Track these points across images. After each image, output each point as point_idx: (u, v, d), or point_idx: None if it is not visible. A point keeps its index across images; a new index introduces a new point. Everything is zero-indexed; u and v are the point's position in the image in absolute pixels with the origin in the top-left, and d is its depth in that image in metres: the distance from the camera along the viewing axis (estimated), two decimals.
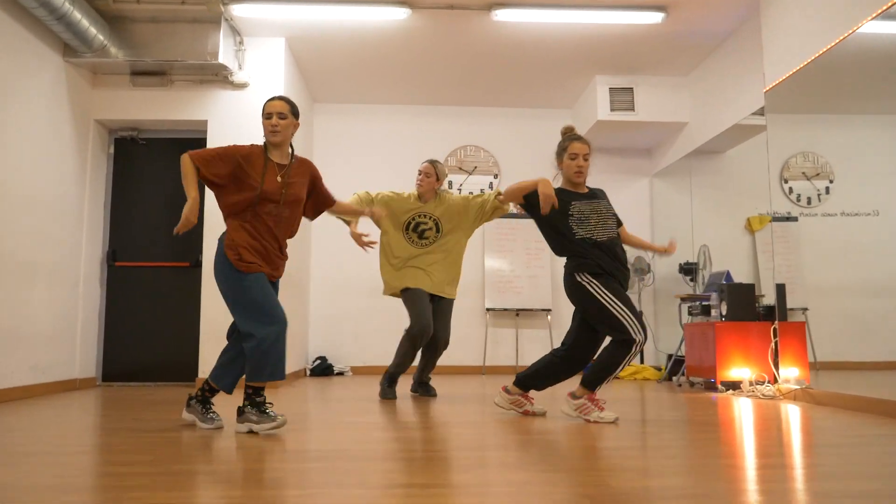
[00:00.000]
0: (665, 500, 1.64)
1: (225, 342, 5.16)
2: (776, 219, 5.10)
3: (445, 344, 4.44)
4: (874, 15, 3.70)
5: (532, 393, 4.63)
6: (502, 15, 5.09)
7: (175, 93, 5.53)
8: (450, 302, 4.44)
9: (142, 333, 5.53)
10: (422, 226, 4.35)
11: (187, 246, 5.61)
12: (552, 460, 2.18)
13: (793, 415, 3.54)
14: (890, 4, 3.58)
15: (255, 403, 2.80)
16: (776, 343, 4.65)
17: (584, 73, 6.41)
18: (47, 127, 4.80)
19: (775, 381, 4.64)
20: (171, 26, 5.19)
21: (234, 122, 5.49)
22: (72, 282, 5.13)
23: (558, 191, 3.33)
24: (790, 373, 4.53)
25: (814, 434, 2.82)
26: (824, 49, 4.15)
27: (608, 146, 7.22)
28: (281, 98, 2.98)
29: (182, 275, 5.59)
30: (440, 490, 1.75)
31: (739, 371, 4.79)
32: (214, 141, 5.46)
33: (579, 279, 3.22)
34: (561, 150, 3.38)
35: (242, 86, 5.55)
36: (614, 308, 3.16)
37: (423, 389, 4.52)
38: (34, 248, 4.60)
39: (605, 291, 3.18)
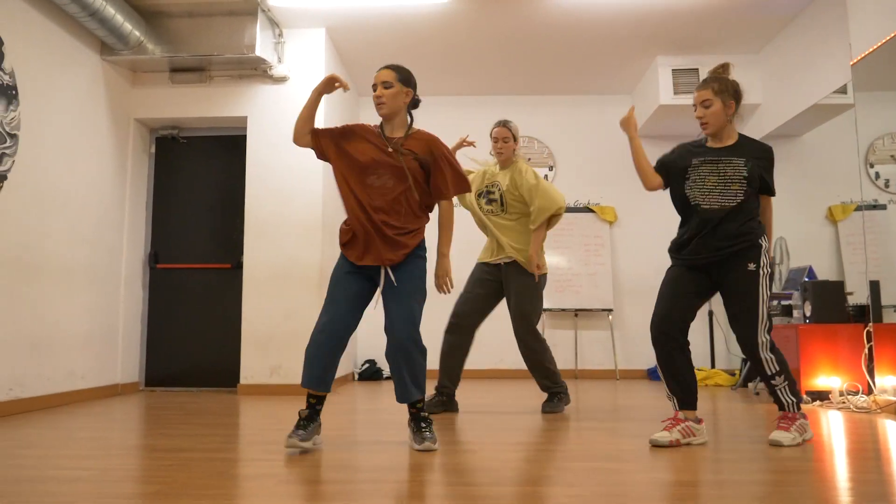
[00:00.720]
0: None
1: (262, 345, 4.99)
2: (862, 207, 4.59)
3: (526, 332, 3.86)
4: None
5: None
6: None
7: (214, 89, 5.36)
8: (523, 274, 3.87)
9: (184, 337, 5.39)
10: (490, 194, 4.01)
11: (229, 247, 5.44)
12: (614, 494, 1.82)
13: (893, 432, 3.06)
14: None
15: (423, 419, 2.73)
16: (870, 348, 4.12)
17: (644, 54, 5.94)
18: (86, 127, 4.68)
19: (870, 391, 4.12)
20: (208, 20, 5.01)
21: (274, 118, 5.28)
22: (113, 284, 5.01)
23: (692, 143, 3.02)
24: (888, 381, 4.00)
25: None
26: None
27: (673, 133, 6.71)
28: (387, 66, 2.76)
29: (224, 277, 5.42)
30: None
31: (828, 380, 4.27)
32: (254, 138, 5.26)
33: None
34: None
35: (283, 79, 5.34)
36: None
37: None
38: (73, 250, 4.48)
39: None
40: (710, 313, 6.34)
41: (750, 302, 2.74)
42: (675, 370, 2.81)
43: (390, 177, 2.67)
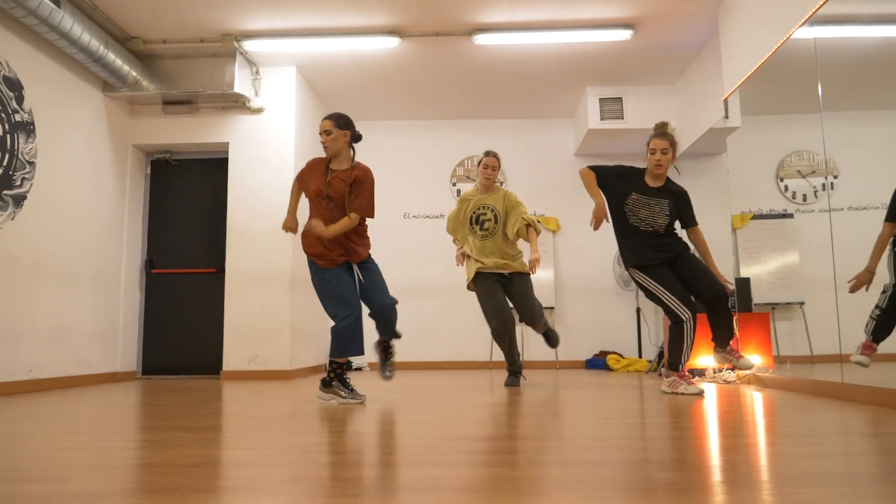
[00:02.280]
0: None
1: (242, 338, 5.86)
2: (771, 216, 5.31)
3: (538, 317, 4.64)
4: (801, 23, 4.06)
5: None
6: (482, 39, 5.61)
7: (201, 119, 6.26)
8: (524, 276, 4.66)
9: (175, 332, 6.27)
10: (482, 217, 4.65)
11: (214, 254, 6.33)
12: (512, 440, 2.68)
13: (748, 397, 3.92)
14: (814, 11, 3.93)
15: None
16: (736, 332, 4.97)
17: (575, 85, 6.84)
18: (91, 153, 5.58)
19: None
20: (194, 61, 5.92)
21: (253, 144, 6.18)
22: (114, 287, 5.90)
23: (636, 172, 4.06)
24: (753, 360, 4.85)
25: (733, 410, 3.23)
26: (767, 56, 4.50)
27: (601, 153, 7.60)
28: (327, 117, 3.58)
29: (209, 280, 6.31)
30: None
31: (704, 360, 5.13)
32: (235, 160, 6.16)
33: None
34: (647, 145, 4.01)
35: (259, 111, 6.24)
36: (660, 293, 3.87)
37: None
38: (81, 257, 5.37)
39: (651, 280, 3.88)
40: (638, 310, 7.21)
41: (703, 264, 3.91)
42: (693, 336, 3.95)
43: (334, 203, 3.56)
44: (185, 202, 6.46)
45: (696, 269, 3.90)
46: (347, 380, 3.62)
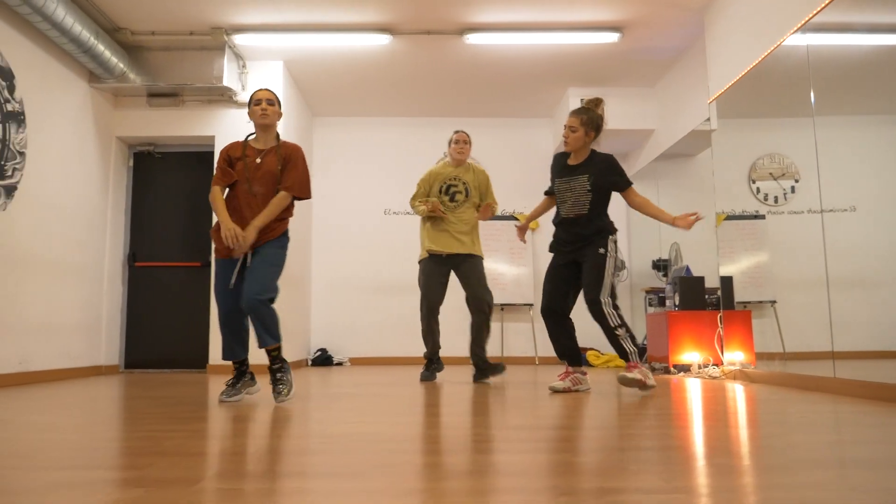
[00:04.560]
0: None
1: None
2: (743, 217, 5.50)
3: (489, 305, 4.59)
4: (793, 30, 4.25)
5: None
6: (473, 39, 5.70)
7: (186, 111, 6.20)
8: (478, 260, 4.69)
9: (159, 326, 6.20)
10: (453, 188, 4.75)
11: (197, 248, 6.27)
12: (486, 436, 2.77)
13: (732, 392, 4.10)
14: (806, 20, 4.13)
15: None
16: (721, 329, 5.19)
17: (557, 86, 6.99)
18: (75, 144, 5.49)
19: (721, 363, 5.18)
20: (182, 54, 5.86)
21: (238, 137, 6.14)
22: (97, 280, 5.81)
23: (559, 157, 3.96)
24: (735, 356, 5.07)
25: (722, 404, 3.39)
26: (756, 62, 4.70)
27: None
28: (266, 88, 3.34)
29: (193, 273, 6.26)
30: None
31: (689, 355, 5.33)
32: None
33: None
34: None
35: (245, 104, 6.21)
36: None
37: (479, 374, 4.61)
38: (63, 250, 5.28)
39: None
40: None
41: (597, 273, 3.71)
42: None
43: (262, 186, 3.21)
44: (168, 195, 6.40)
45: (586, 270, 3.74)
46: (232, 382, 3.32)
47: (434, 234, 4.69)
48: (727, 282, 5.51)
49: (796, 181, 4.98)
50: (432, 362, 4.83)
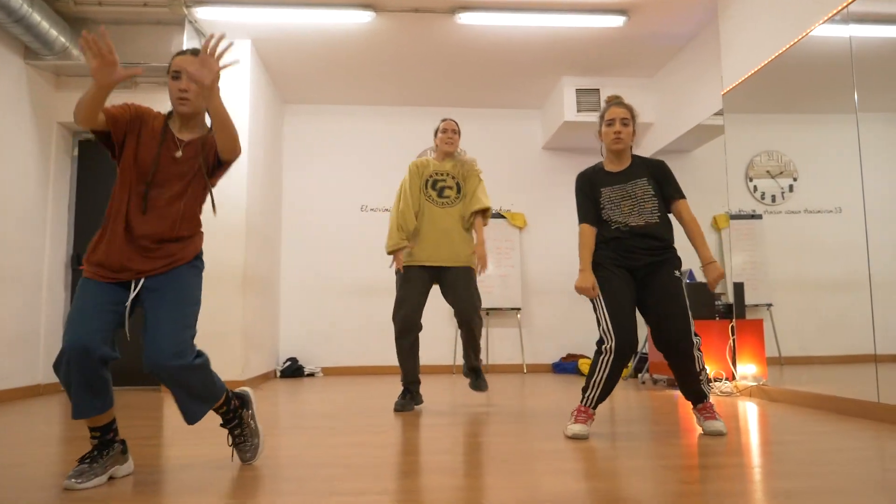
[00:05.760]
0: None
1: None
2: (740, 216, 5.16)
3: (478, 317, 3.91)
4: (824, 19, 3.79)
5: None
6: (466, 18, 5.13)
7: (140, 95, 5.50)
8: (466, 270, 3.94)
9: None
10: (440, 183, 4.02)
11: None
12: (492, 464, 2.23)
13: (750, 413, 3.63)
14: (840, 8, 3.66)
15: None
16: (734, 341, 4.74)
17: (551, 75, 6.47)
18: (8, 130, 4.76)
19: (733, 378, 4.73)
20: (135, 28, 5.17)
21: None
22: (34, 286, 5.09)
23: (592, 172, 3.15)
24: (748, 369, 4.62)
25: (757, 431, 2.90)
26: (779, 52, 4.23)
27: (576, 147, 7.29)
28: (193, 51, 2.20)
29: None
30: (375, 497, 1.79)
31: None
32: None
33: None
34: (600, 120, 3.13)
35: None
36: (598, 309, 3.01)
37: (472, 376, 4.09)
38: None
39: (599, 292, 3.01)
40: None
41: (682, 302, 3.01)
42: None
43: (173, 184, 2.20)
44: None
45: (667, 300, 2.99)
46: (89, 456, 2.08)
47: (421, 235, 3.97)
48: (739, 288, 5.07)
49: (795, 180, 4.64)
50: (409, 391, 3.98)
